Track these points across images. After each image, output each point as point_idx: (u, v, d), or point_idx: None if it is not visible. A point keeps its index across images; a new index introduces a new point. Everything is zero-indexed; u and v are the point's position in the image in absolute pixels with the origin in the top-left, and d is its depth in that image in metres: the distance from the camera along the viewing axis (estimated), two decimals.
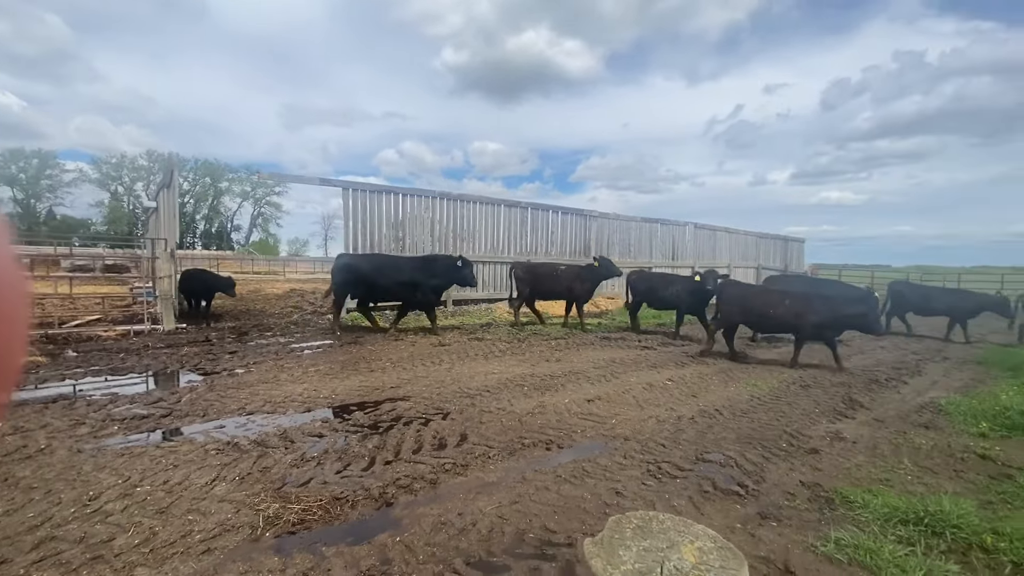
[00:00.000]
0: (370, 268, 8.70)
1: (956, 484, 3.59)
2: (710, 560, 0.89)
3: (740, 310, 7.60)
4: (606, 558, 0.93)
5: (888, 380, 6.71)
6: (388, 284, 8.74)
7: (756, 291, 8.25)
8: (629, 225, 16.49)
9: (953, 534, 2.79)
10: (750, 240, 21.00)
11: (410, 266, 9.01)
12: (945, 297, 11.06)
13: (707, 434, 4.39)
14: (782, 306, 7.31)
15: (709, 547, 0.94)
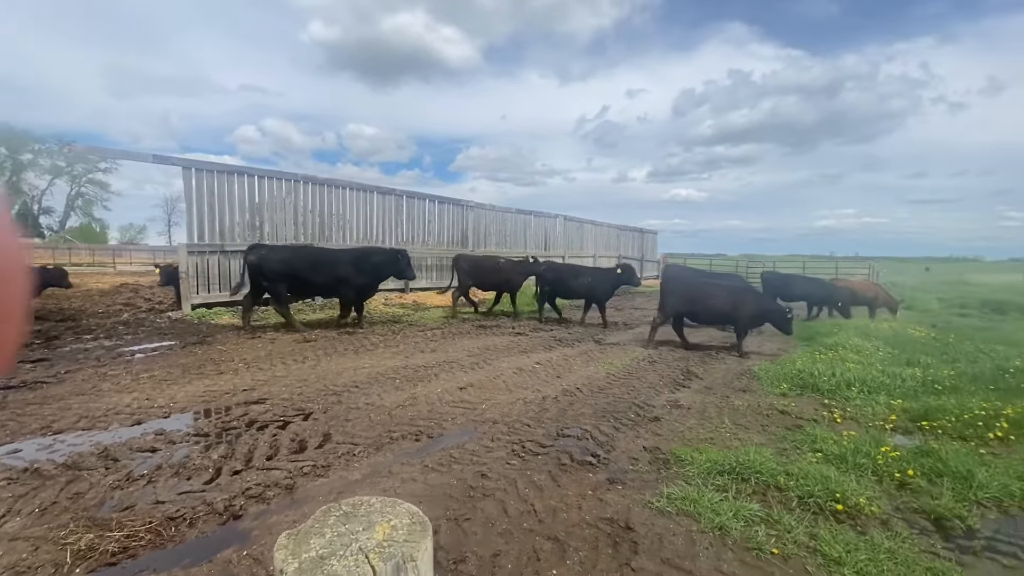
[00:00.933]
0: (300, 261, 8.16)
1: (762, 436, 4.32)
2: (397, 536, 0.97)
3: (683, 300, 8.13)
4: (292, 549, 0.95)
5: (717, 353, 7.83)
6: (320, 278, 8.23)
7: (698, 283, 8.78)
8: (505, 216, 16.92)
9: (756, 478, 3.35)
10: (612, 232, 22.87)
11: (344, 259, 8.50)
12: (803, 284, 12.97)
13: (568, 411, 4.72)
14: (720, 298, 7.92)
15: (404, 523, 1.01)
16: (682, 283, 8.42)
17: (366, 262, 8.62)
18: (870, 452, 3.75)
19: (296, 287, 8.38)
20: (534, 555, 2.49)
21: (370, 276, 8.69)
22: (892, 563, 2.48)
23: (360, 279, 8.53)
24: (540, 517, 2.85)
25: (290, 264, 8.13)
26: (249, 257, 8.06)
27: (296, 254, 8.45)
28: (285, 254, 8.33)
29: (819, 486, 3.19)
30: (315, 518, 1.06)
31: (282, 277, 8.06)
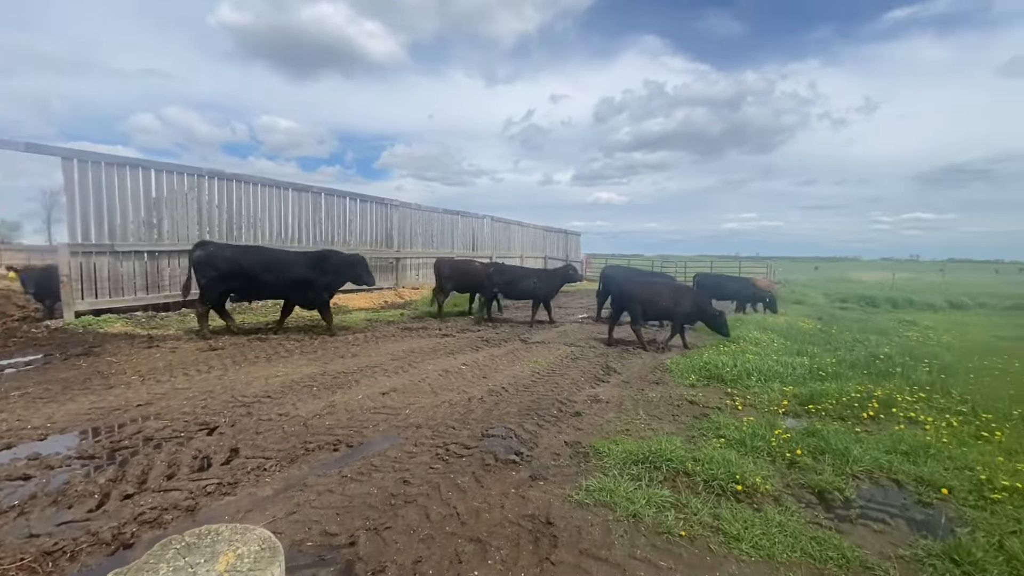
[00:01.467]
0: (253, 263, 7.83)
1: (673, 426, 4.60)
2: (242, 565, 0.95)
3: (642, 302, 8.47)
4: None
5: (635, 349, 8.24)
6: (274, 281, 7.96)
7: (646, 283, 9.20)
8: (432, 216, 16.70)
9: (667, 466, 3.56)
10: (538, 233, 23.34)
11: (300, 262, 8.25)
12: (731, 284, 13.95)
13: (493, 411, 4.75)
14: (666, 297, 8.41)
15: (251, 551, 0.99)
16: (636, 283, 8.96)
17: (323, 265, 8.33)
18: (765, 435, 4.12)
19: (245, 288, 8.03)
20: (456, 558, 2.48)
21: (328, 279, 8.43)
22: (783, 535, 2.74)
23: (316, 283, 8.25)
24: (463, 519, 2.84)
25: (239, 264, 7.74)
26: (195, 254, 7.62)
27: (247, 254, 8.06)
28: (234, 253, 7.92)
29: (722, 469, 3.45)
30: (152, 552, 0.97)
31: (230, 277, 7.70)
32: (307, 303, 8.53)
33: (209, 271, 7.61)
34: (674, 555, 2.58)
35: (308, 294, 8.31)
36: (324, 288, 8.43)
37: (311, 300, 8.45)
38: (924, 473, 3.57)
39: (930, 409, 5.04)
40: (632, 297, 8.51)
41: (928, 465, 3.68)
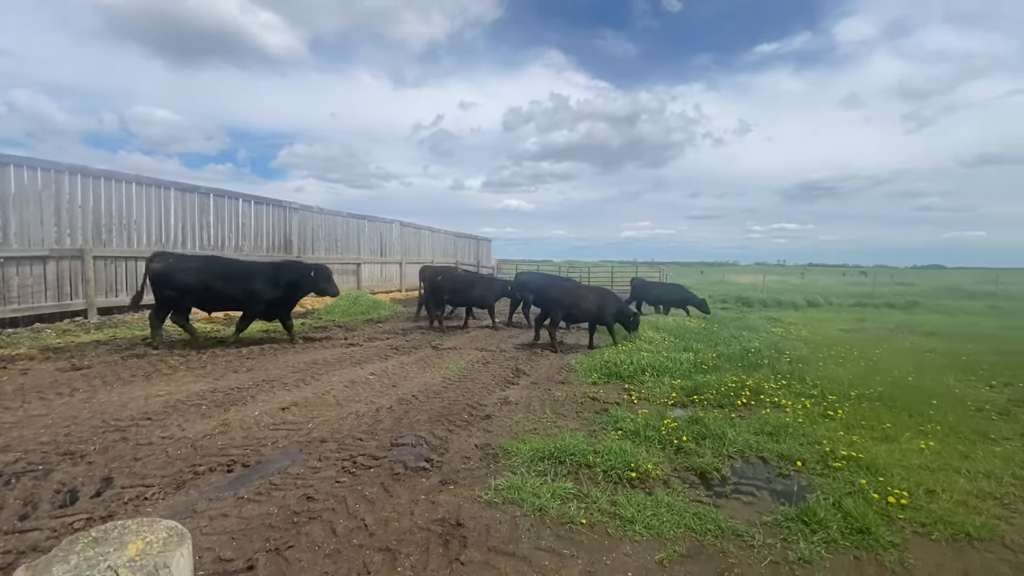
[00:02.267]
0: (212, 273, 7.75)
1: (577, 422, 4.87)
2: (151, 549, 0.98)
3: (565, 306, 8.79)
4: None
5: (542, 350, 8.56)
6: (234, 292, 7.87)
7: (573, 288, 9.52)
8: (336, 220, 15.98)
9: (571, 460, 3.78)
10: (449, 238, 23.29)
11: (261, 272, 8.19)
12: (662, 289, 15.01)
13: (403, 420, 4.70)
14: (588, 301, 8.81)
15: (160, 538, 1.02)
16: (560, 288, 9.38)
17: (284, 275, 8.31)
18: (656, 426, 4.52)
19: (204, 300, 7.86)
20: (364, 570, 2.45)
21: (289, 290, 8.40)
22: (670, 514, 3.04)
23: (277, 293, 8.21)
24: (371, 530, 2.80)
25: (198, 275, 7.61)
26: (152, 265, 7.42)
27: (207, 264, 7.94)
28: (193, 263, 7.79)
29: (619, 460, 3.74)
30: (60, 547, 0.92)
31: (189, 288, 7.53)
32: (267, 314, 8.41)
33: (167, 283, 7.40)
34: (576, 542, 2.76)
35: (269, 305, 8.22)
36: (284, 299, 8.39)
37: (271, 311, 8.36)
38: (784, 449, 4.14)
39: (790, 394, 5.82)
40: (555, 301, 8.86)
41: (787, 442, 4.27)
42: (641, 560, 2.62)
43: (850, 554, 2.71)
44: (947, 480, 3.56)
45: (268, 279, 8.13)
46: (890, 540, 2.81)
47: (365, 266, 16.86)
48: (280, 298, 8.29)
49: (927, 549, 2.78)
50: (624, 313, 9.09)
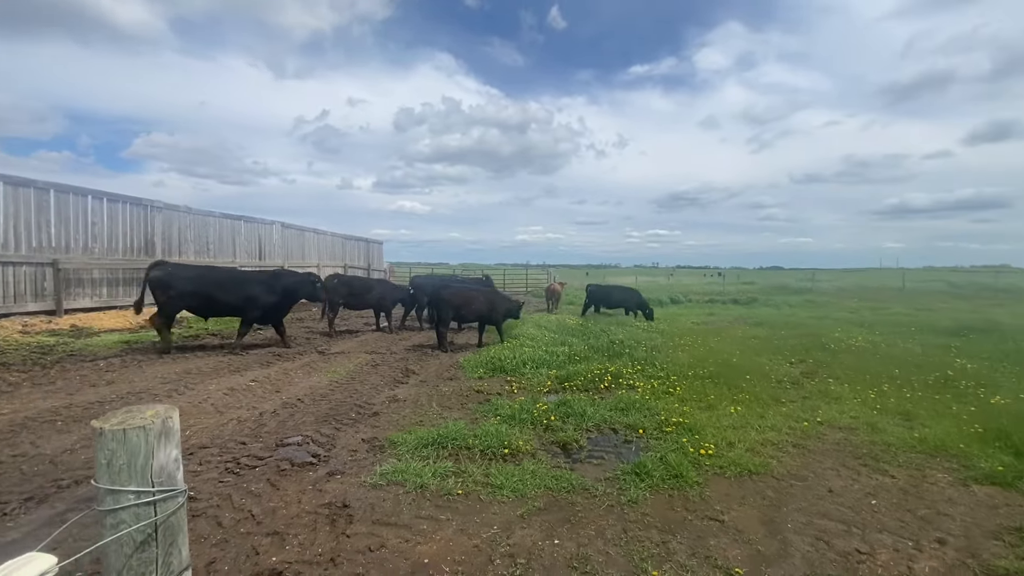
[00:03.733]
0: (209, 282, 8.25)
1: (461, 412, 5.31)
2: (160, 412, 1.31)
3: (455, 307, 9.20)
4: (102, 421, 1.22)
5: (433, 351, 8.90)
6: (230, 299, 8.35)
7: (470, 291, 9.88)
8: (207, 221, 14.74)
9: (452, 444, 4.20)
10: (337, 241, 22.49)
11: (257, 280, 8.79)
12: (620, 293, 15.57)
13: (288, 422, 4.77)
14: (479, 302, 9.36)
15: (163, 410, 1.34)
16: (452, 291, 9.67)
17: (278, 283, 8.83)
18: (530, 410, 5.12)
19: (202, 306, 8.30)
20: (253, 552, 2.64)
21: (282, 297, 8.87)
22: (533, 479, 3.60)
23: (270, 300, 8.66)
24: (259, 520, 2.97)
25: (196, 283, 8.05)
26: (152, 273, 7.87)
27: (206, 273, 8.47)
28: (192, 272, 8.31)
29: (495, 440, 4.24)
30: (106, 415, 1.28)
31: (187, 296, 8.00)
32: (263, 320, 8.85)
33: (167, 290, 7.78)
34: (452, 509, 3.19)
35: (264, 311, 8.63)
36: (278, 305, 8.84)
37: (266, 317, 8.79)
38: (630, 421, 4.96)
39: (643, 377, 6.81)
40: (447, 303, 9.22)
41: (633, 415, 5.12)
42: (506, 516, 3.13)
43: (667, 493, 3.48)
44: (744, 435, 4.59)
45: (263, 286, 8.62)
46: (696, 480, 3.63)
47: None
48: (275, 304, 8.74)
49: (721, 484, 3.65)
50: (513, 312, 9.77)
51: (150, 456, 1.28)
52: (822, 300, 22.30)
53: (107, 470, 1.24)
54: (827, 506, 3.29)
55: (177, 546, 1.36)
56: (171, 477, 1.34)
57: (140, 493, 1.26)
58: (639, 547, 2.78)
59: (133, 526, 1.24)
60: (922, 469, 3.84)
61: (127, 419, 1.29)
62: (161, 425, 1.31)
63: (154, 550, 1.29)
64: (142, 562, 1.27)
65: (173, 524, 1.34)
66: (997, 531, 2.91)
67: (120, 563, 1.25)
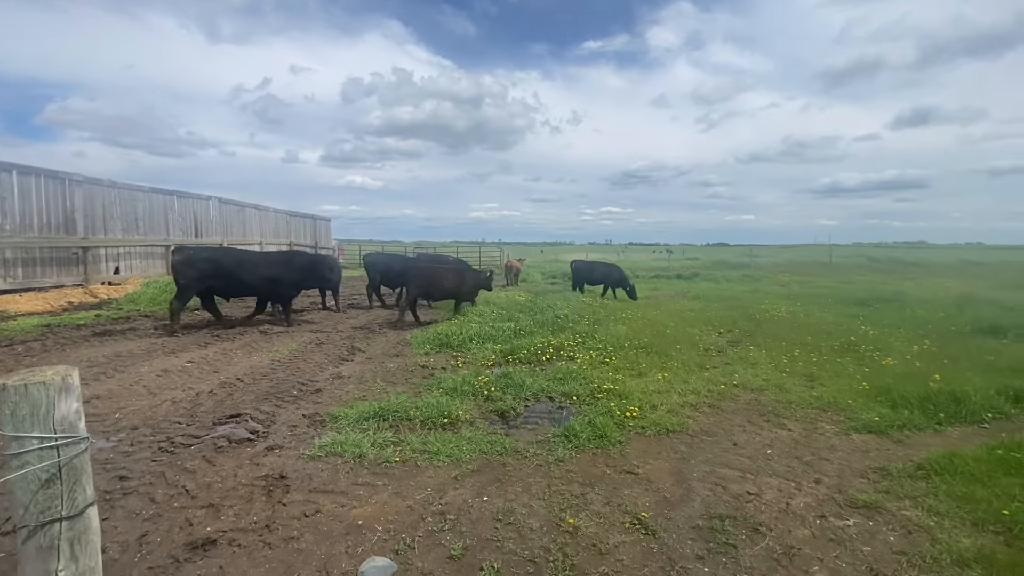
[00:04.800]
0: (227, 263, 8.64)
1: (406, 387, 5.43)
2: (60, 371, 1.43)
3: (424, 284, 9.54)
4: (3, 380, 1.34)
5: (380, 328, 8.92)
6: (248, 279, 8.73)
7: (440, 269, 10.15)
8: (135, 196, 13.81)
9: (393, 416, 4.34)
10: (281, 217, 21.65)
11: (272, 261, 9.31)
12: (602, 269, 15.15)
13: (226, 402, 4.75)
14: (449, 280, 9.71)
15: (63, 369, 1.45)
16: (417, 268, 9.96)
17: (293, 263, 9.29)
18: (472, 382, 5.31)
19: (221, 287, 8.76)
20: (187, 523, 2.71)
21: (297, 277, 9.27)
22: (469, 444, 3.80)
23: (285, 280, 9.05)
24: (193, 494, 3.03)
25: (215, 265, 8.44)
26: (174, 258, 8.35)
27: (223, 255, 8.98)
28: (210, 254, 8.80)
29: (435, 411, 4.41)
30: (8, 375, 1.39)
31: (207, 277, 8.39)
32: (277, 299, 9.30)
33: (187, 273, 8.18)
34: (389, 475, 3.35)
35: (278, 291, 9.08)
36: (292, 285, 9.28)
37: (280, 296, 9.21)
38: (566, 389, 5.25)
39: (583, 349, 7.15)
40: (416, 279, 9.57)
41: (569, 384, 5.41)
42: (440, 479, 3.32)
43: (591, 452, 3.78)
44: (667, 398, 4.98)
45: (279, 267, 9.02)
46: (618, 439, 3.96)
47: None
48: (290, 283, 9.19)
49: (641, 442, 3.99)
50: (481, 283, 10.39)
51: (52, 407, 1.39)
52: (758, 275, 23.69)
53: (11, 419, 1.37)
54: (730, 457, 3.69)
55: (81, 485, 1.49)
56: (73, 426, 1.46)
57: (43, 439, 1.38)
58: (560, 499, 3.05)
59: (37, 465, 1.37)
60: (814, 422, 4.34)
61: (28, 377, 1.40)
62: (61, 381, 1.42)
63: (59, 487, 1.42)
64: (48, 497, 1.42)
65: (76, 466, 1.46)
66: (864, 471, 3.39)
67: (27, 498, 1.40)
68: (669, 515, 2.89)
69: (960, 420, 4.28)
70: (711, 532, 2.69)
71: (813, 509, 2.91)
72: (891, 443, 3.88)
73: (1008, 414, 4.43)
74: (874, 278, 21.29)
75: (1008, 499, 2.85)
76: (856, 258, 37.04)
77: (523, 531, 2.72)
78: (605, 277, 14.85)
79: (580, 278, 15.25)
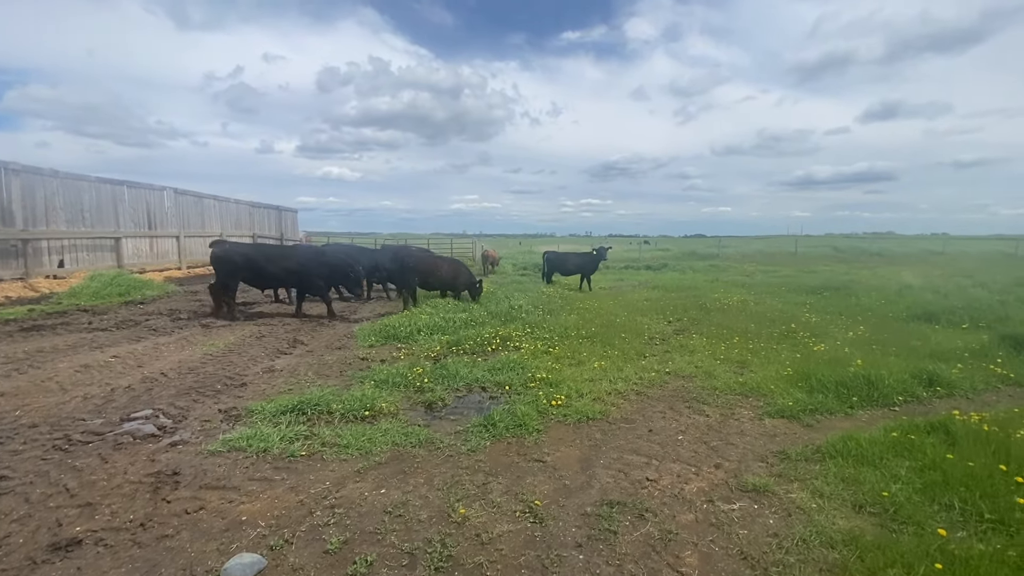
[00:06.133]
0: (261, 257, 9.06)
1: (338, 380, 5.32)
2: None
3: (420, 274, 10.03)
4: None
5: (330, 322, 8.76)
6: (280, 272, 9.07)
7: (432, 259, 10.70)
8: (80, 186, 13.25)
9: (312, 410, 4.23)
10: (243, 209, 21.09)
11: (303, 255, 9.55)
12: (576, 259, 14.71)
13: (142, 397, 4.58)
14: (441, 271, 10.18)
15: None
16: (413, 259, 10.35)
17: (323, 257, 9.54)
18: (405, 374, 5.25)
19: (257, 279, 9.12)
20: (56, 524, 2.59)
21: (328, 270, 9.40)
22: (383, 437, 3.74)
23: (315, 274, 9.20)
24: (74, 493, 2.90)
25: (250, 258, 8.82)
26: (214, 252, 8.75)
27: (257, 250, 9.53)
28: (246, 249, 9.23)
29: (358, 403, 4.33)
30: None
31: (244, 269, 8.73)
32: (310, 290, 9.41)
33: (226, 266, 8.64)
34: (290, 469, 3.27)
35: (312, 283, 9.24)
36: (323, 277, 9.38)
37: (314, 288, 9.34)
38: (501, 379, 5.22)
39: (531, 339, 7.12)
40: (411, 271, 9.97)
41: (505, 374, 5.37)
42: (343, 472, 3.25)
43: (507, 441, 3.75)
44: (598, 386, 4.99)
45: (310, 260, 9.21)
46: (537, 428, 3.95)
47: (128, 241, 14.45)
48: (323, 276, 9.31)
49: (560, 430, 3.99)
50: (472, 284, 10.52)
51: None
52: (724, 265, 24.06)
53: None
54: (642, 444, 3.70)
55: None
56: None
57: None
58: (460, 490, 3.02)
59: None
60: (733, 408, 4.40)
61: None
62: None
63: None
64: None
65: None
66: (765, 455, 3.44)
67: None
68: (563, 503, 2.88)
69: (872, 404, 4.39)
70: (597, 519, 2.69)
71: (704, 494, 2.94)
72: (800, 427, 3.96)
73: (920, 397, 4.57)
74: (835, 267, 21.83)
75: (892, 480, 2.92)
76: (822, 248, 37.89)
77: (410, 523, 2.67)
78: (580, 268, 14.64)
79: (552, 269, 14.98)
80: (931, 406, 4.41)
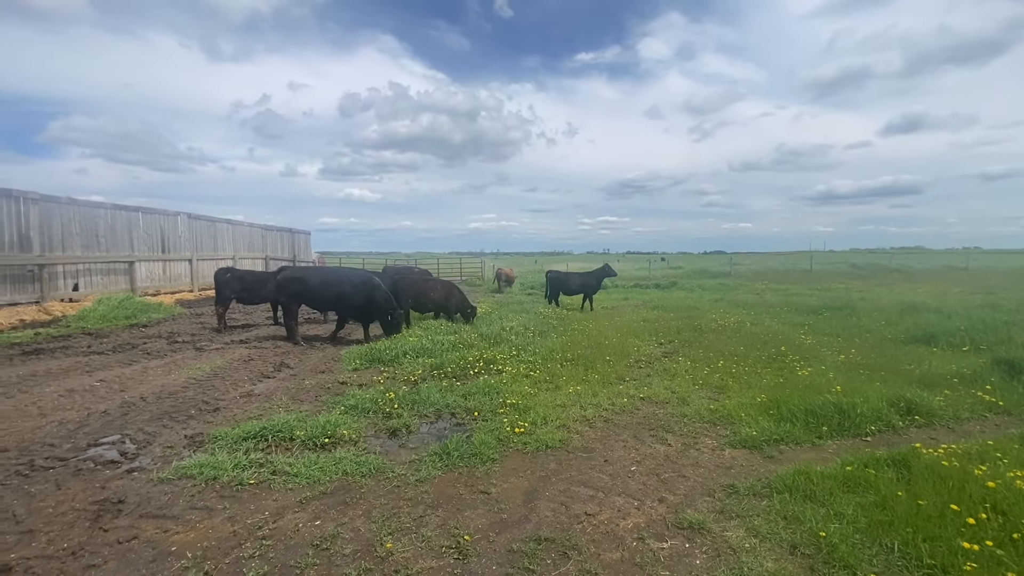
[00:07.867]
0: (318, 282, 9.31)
1: (311, 405, 5.36)
2: None
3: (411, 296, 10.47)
4: None
5: (323, 344, 8.87)
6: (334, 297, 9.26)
7: (422, 281, 11.16)
8: (96, 213, 13.82)
9: (274, 436, 4.27)
10: (256, 232, 21.65)
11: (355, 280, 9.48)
12: (578, 279, 14.63)
13: (116, 422, 4.69)
14: (436, 292, 10.67)
15: None
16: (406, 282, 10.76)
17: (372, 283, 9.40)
18: (377, 400, 5.26)
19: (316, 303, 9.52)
20: None
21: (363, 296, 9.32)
22: (334, 465, 3.75)
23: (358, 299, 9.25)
24: (19, 519, 2.97)
25: (308, 283, 9.22)
26: (278, 277, 9.51)
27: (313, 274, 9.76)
28: (303, 274, 9.61)
29: (320, 430, 4.35)
30: None
31: (302, 294, 9.15)
32: (358, 316, 9.56)
33: (288, 290, 9.15)
34: (234, 498, 3.30)
35: (361, 309, 9.36)
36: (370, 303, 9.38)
37: (360, 313, 9.47)
38: (472, 405, 5.20)
39: (515, 362, 7.08)
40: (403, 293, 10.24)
41: (477, 399, 5.35)
42: (285, 502, 3.27)
43: (458, 471, 3.72)
44: (567, 412, 4.93)
45: (361, 286, 9.28)
46: (491, 457, 3.91)
47: (141, 264, 14.95)
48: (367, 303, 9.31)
49: (517, 459, 3.94)
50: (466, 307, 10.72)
51: None
52: (735, 283, 23.65)
53: None
54: (593, 475, 3.64)
55: None
56: None
57: None
58: (395, 523, 3.00)
59: None
60: (697, 437, 4.30)
61: None
62: None
63: None
64: None
65: None
66: (713, 489, 3.34)
67: None
68: (493, 538, 2.84)
69: (843, 433, 4.24)
70: (522, 556, 2.64)
71: (639, 530, 2.86)
72: (761, 459, 3.84)
73: (896, 427, 4.39)
74: (851, 284, 21.25)
75: (836, 518, 2.81)
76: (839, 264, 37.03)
77: (333, 558, 2.67)
78: (582, 287, 14.49)
79: (555, 289, 14.76)
80: (906, 436, 4.23)
